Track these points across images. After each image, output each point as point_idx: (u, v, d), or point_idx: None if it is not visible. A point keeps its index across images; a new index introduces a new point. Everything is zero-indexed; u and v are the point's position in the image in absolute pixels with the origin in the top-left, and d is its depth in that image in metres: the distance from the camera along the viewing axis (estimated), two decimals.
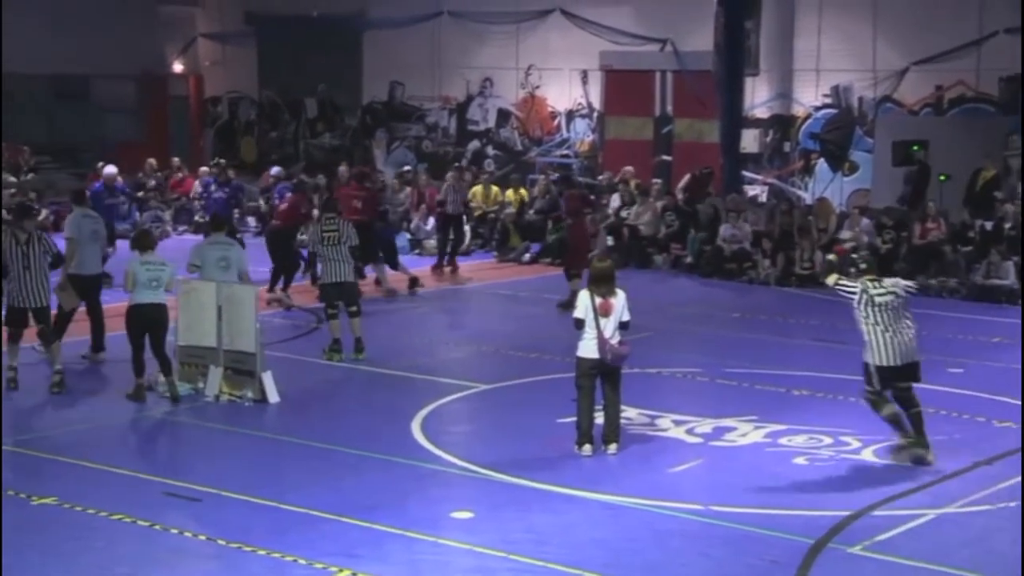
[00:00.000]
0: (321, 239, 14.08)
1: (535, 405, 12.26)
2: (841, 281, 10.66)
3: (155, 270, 12.12)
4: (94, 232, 13.74)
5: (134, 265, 12.14)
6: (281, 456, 10.54)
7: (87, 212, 14.04)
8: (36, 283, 12.41)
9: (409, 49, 29.48)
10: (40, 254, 12.46)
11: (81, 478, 9.66)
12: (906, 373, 10.26)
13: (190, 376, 12.34)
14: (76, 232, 13.56)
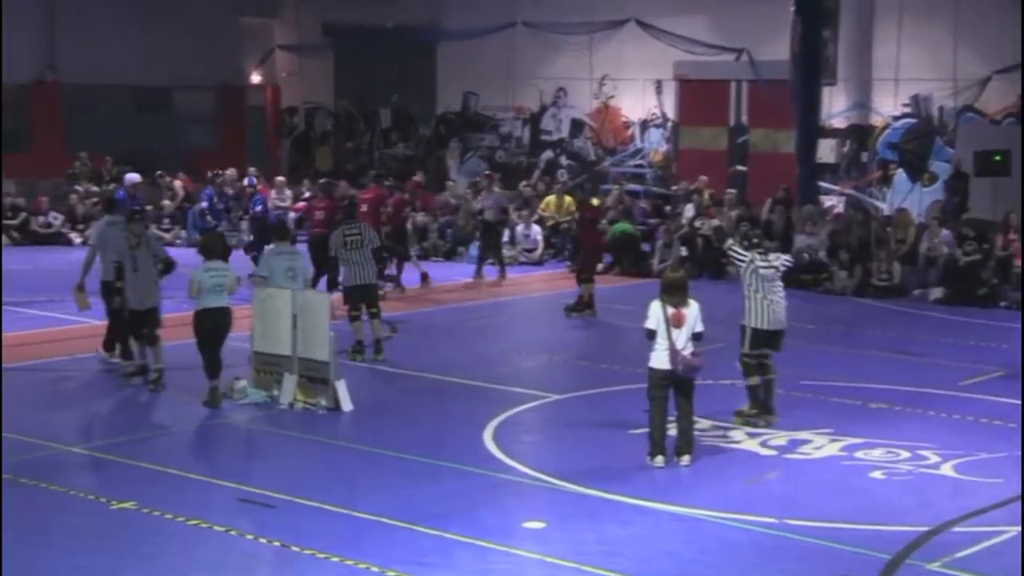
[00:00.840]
0: (344, 243, 14.33)
1: (607, 416, 12.21)
2: (735, 248, 12.25)
3: (218, 276, 12.35)
4: (119, 240, 13.85)
5: (198, 272, 12.38)
6: (354, 463, 10.61)
7: (114, 220, 14.22)
8: (144, 286, 12.78)
9: (483, 59, 29.60)
10: (148, 257, 12.73)
11: (159, 483, 9.80)
12: (774, 338, 11.73)
13: (265, 383, 12.46)
14: (99, 239, 13.85)
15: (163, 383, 12.89)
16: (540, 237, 23.58)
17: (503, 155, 30.21)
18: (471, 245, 23.60)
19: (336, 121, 32.94)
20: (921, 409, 12.29)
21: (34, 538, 8.62)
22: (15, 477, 9.74)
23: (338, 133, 32.89)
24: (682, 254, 21.55)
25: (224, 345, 12.49)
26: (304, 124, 33.54)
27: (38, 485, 9.60)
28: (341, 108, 32.78)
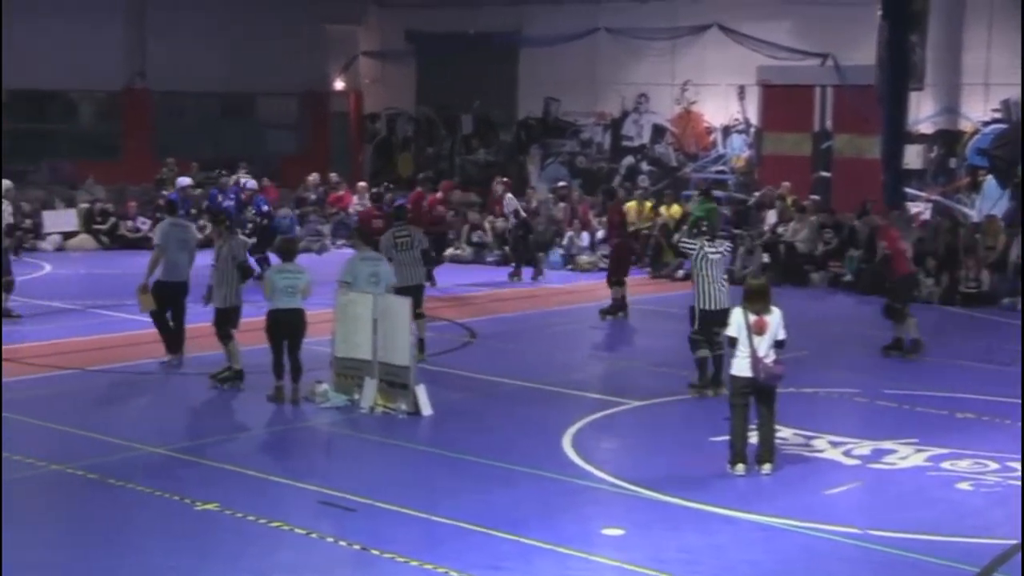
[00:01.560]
0: (394, 244, 14.54)
1: (687, 423, 12.13)
2: (684, 240, 13.65)
3: (291, 277, 12.57)
4: (181, 241, 14.18)
5: (272, 273, 12.65)
6: (433, 468, 10.65)
7: (176, 221, 14.51)
8: (220, 285, 13.12)
9: (565, 65, 29.59)
10: (228, 259, 13.03)
11: (241, 485, 9.92)
12: (720, 318, 12.26)
13: (346, 387, 12.57)
14: (163, 240, 14.13)
15: (240, 384, 13.09)
16: None
17: (584, 161, 30.16)
18: (550, 251, 23.63)
19: (417, 127, 33.14)
20: (1010, 420, 12.04)
21: (119, 538, 8.79)
22: (102, 477, 9.93)
23: (419, 139, 33.09)
24: (764, 261, 21.35)
25: (302, 348, 12.65)
26: (386, 130, 33.79)
27: (124, 486, 9.78)
28: (422, 114, 32.97)
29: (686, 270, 21.96)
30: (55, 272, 21.56)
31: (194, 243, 14.39)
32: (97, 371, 13.90)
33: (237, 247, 13.36)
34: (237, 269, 13.22)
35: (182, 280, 14.13)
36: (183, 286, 14.16)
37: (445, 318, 17.54)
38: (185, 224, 14.69)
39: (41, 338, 15.66)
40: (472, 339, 16.19)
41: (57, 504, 9.66)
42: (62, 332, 16.11)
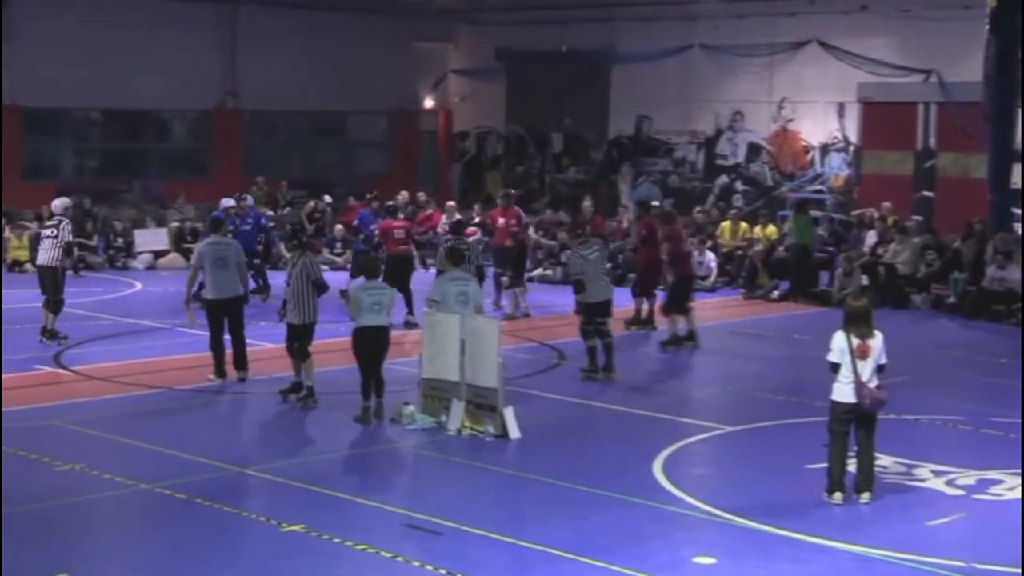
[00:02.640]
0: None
1: (782, 449, 11.99)
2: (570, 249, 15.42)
3: (377, 294, 12.77)
4: (219, 259, 14.34)
5: (357, 291, 12.79)
6: (521, 492, 10.65)
7: (216, 240, 14.72)
8: (296, 301, 13.34)
9: (658, 82, 29.56)
10: (302, 275, 13.29)
11: (328, 506, 10.01)
12: (603, 308, 14.76)
13: (433, 409, 12.63)
14: (197, 259, 14.57)
15: (314, 401, 13.27)
16: (714, 264, 23.38)
17: (677, 180, 30.07)
18: None
19: (507, 145, 33.31)
20: None
21: (206, 559, 8.90)
22: (189, 497, 10.09)
23: (509, 157, 33.25)
24: (863, 283, 21.05)
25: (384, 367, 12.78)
26: (475, 148, 34.02)
27: (211, 506, 9.92)
28: (512, 132, 33.13)
29: (782, 291, 21.84)
30: (145, 290, 22.02)
31: (236, 260, 14.50)
32: (185, 390, 14.15)
33: (311, 264, 13.53)
34: (312, 285, 13.40)
35: (230, 296, 14.35)
36: (233, 303, 14.39)
37: (534, 339, 17.55)
38: (227, 242, 14.86)
39: (131, 357, 15.98)
40: (561, 361, 16.18)
41: (145, 524, 9.83)
42: (152, 351, 16.43)
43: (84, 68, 27.75)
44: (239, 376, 14.40)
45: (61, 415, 12.73)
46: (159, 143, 31.31)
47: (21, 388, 14.08)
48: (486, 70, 32.97)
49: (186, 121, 31.94)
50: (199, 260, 14.44)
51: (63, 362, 15.39)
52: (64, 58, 27.45)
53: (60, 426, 12.31)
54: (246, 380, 14.37)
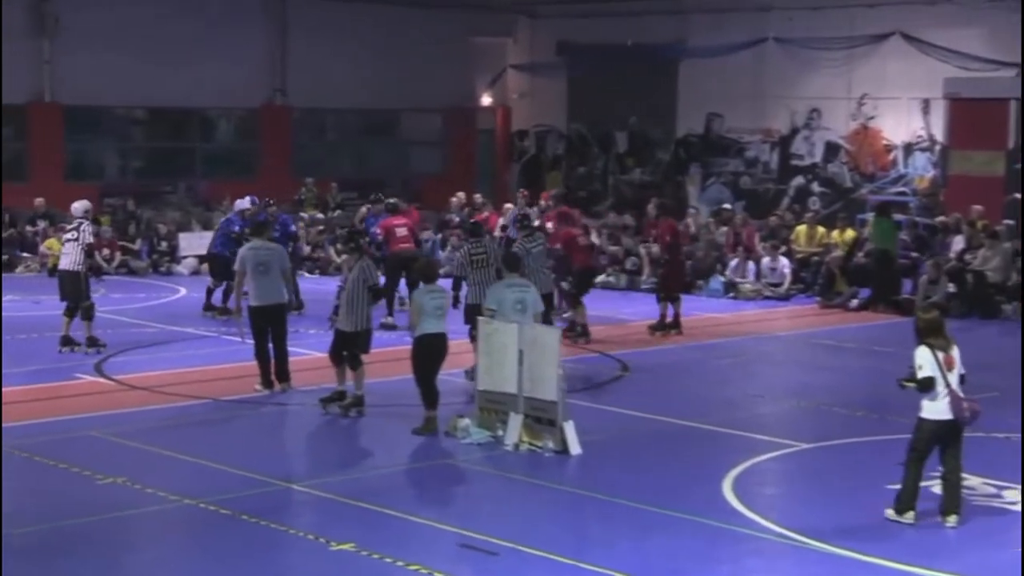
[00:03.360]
0: (469, 261, 15.11)
1: (861, 468, 11.86)
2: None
3: (439, 298, 12.86)
4: (260, 264, 14.39)
5: (420, 296, 12.80)
6: (582, 511, 10.63)
7: (257, 244, 14.71)
8: (350, 307, 13.40)
9: (729, 78, 29.43)
10: (358, 280, 13.34)
11: (379, 524, 10.05)
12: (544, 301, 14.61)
13: (489, 423, 12.63)
14: (240, 264, 14.54)
15: (359, 411, 13.38)
16: (788, 270, 23.23)
17: (748, 181, 29.91)
18: (711, 278, 23.46)
19: (568, 145, 33.30)
20: None
21: None
22: (235, 514, 10.17)
23: (570, 157, 33.24)
24: (950, 291, 20.81)
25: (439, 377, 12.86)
26: (535, 148, 34.04)
27: (258, 523, 9.99)
28: (574, 131, 33.12)
29: (862, 299, 21.64)
30: (190, 296, 22.23)
31: (279, 265, 14.57)
32: (230, 401, 14.27)
33: (368, 269, 13.61)
34: (368, 291, 13.47)
35: (273, 303, 14.44)
36: (276, 310, 14.48)
37: (595, 350, 17.52)
38: (269, 247, 14.91)
39: (174, 366, 16.15)
40: (625, 373, 16.14)
41: (189, 541, 9.92)
42: (196, 360, 16.59)
43: (127, 64, 28.09)
44: (281, 387, 14.49)
45: (102, 426, 12.89)
46: (205, 143, 31.61)
47: (61, 398, 14.29)
48: (547, 65, 32.98)
49: (233, 119, 32.24)
50: (242, 265, 14.52)
51: (104, 371, 15.59)
52: (107, 54, 27.81)
53: (101, 437, 12.46)
54: (288, 391, 14.45)
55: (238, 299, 14.75)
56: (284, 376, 14.58)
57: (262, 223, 15.86)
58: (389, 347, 16.41)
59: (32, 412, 13.52)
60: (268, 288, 14.43)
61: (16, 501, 10.47)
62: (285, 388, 14.54)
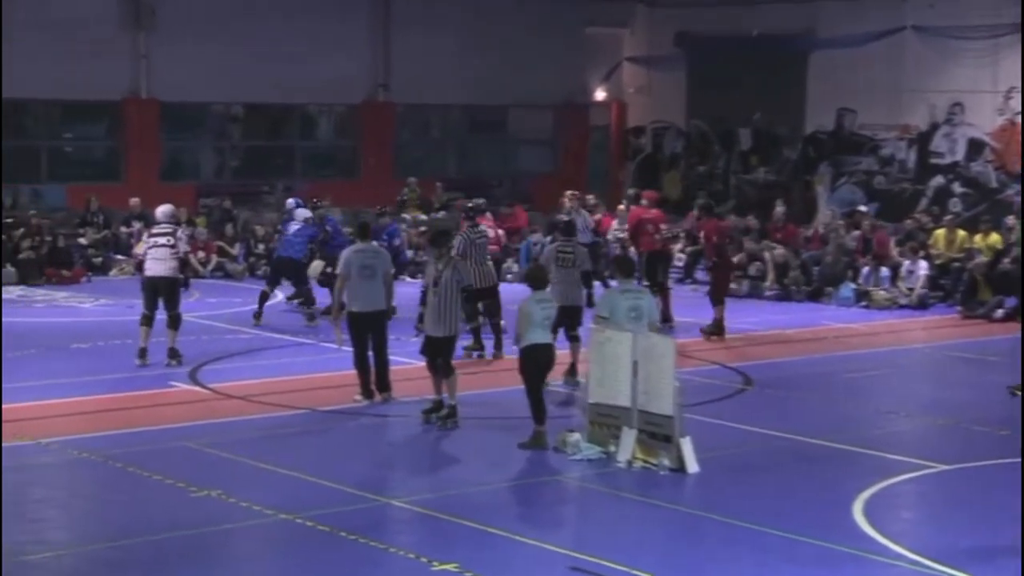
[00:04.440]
0: (556, 259, 15.46)
1: (1004, 492, 11.60)
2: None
3: (547, 308, 12.88)
4: (365, 267, 14.48)
5: (529, 304, 12.81)
6: (701, 534, 10.56)
7: (361, 247, 14.82)
8: (440, 311, 13.48)
9: (863, 71, 29.09)
10: (451, 282, 13.38)
11: (483, 544, 10.08)
12: (489, 293, 16.97)
13: (600, 438, 12.60)
14: (344, 267, 14.63)
15: (454, 422, 13.47)
16: (923, 272, 22.88)
17: (883, 181, 29.50)
18: (842, 286, 23.19)
19: (687, 142, 33.16)
20: None
21: None
22: (333, 530, 10.28)
23: (689, 156, 33.09)
24: None
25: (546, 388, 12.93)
26: (651, 146, 33.95)
27: (356, 540, 10.08)
28: (694, 128, 32.97)
29: (1007, 309, 21.21)
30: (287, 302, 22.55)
31: (383, 269, 14.70)
32: (328, 411, 14.45)
33: (461, 270, 13.67)
34: (461, 293, 13.53)
35: (375, 310, 14.52)
36: (378, 316, 14.57)
37: (716, 361, 17.41)
38: (374, 250, 15.06)
39: (271, 374, 16.40)
40: (747, 386, 16.02)
41: (285, 558, 10.03)
42: (294, 367, 16.83)
43: (225, 58, 28.58)
44: (382, 397, 14.64)
45: (196, 436, 13.13)
46: (304, 140, 32.07)
47: (155, 406, 14.60)
48: (665, 58, 32.88)
49: (333, 116, 32.67)
50: (345, 268, 14.68)
51: (199, 379, 15.88)
52: (203, 48, 28.33)
53: (195, 448, 12.70)
54: (390, 401, 14.60)
55: (337, 303, 14.90)
56: (385, 386, 14.71)
57: (366, 224, 16.02)
58: None
59: (125, 421, 13.84)
60: (372, 293, 14.55)
61: (109, 513, 10.74)
62: (386, 398, 14.67)
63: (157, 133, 29.20)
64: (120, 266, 25.85)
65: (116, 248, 26.56)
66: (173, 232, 16.69)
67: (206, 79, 28.61)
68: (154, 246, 16.49)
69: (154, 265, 16.46)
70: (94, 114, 29.89)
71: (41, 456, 12.37)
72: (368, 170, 31.14)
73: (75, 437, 12.94)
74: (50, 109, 29.12)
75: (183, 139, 30.80)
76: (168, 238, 16.53)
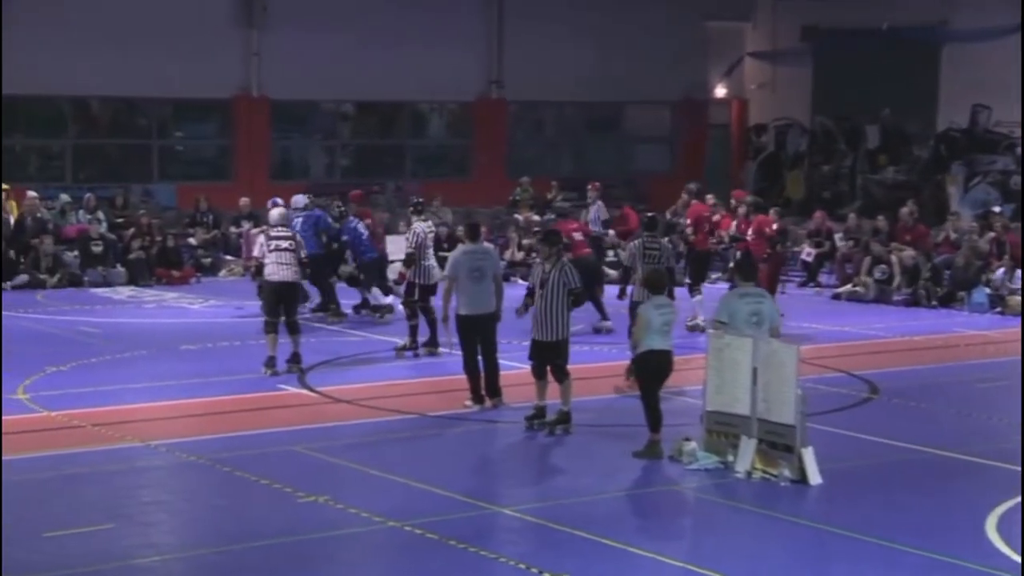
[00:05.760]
0: (643, 254, 16.16)
1: None
2: None
3: (668, 313, 12.85)
4: (475, 270, 14.53)
5: (648, 309, 12.78)
6: (824, 549, 10.44)
7: (471, 248, 14.86)
8: (547, 315, 13.50)
9: (999, 64, 28.56)
10: (558, 283, 13.38)
11: (596, 555, 10.07)
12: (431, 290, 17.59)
13: (718, 447, 12.52)
14: (452, 269, 14.72)
15: (565, 429, 13.45)
16: None
17: (1020, 181, 28.88)
18: (975, 290, 22.75)
19: (812, 140, 32.83)
20: None
21: None
22: (442, 538, 10.33)
23: (814, 155, 32.74)
24: None
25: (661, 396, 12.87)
26: (773, 144, 33.66)
27: (466, 549, 10.12)
28: (819, 125, 32.64)
29: None
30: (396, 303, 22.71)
31: (492, 271, 14.75)
32: (437, 417, 14.53)
33: (568, 272, 13.66)
34: (568, 295, 13.52)
35: (485, 313, 14.57)
36: (488, 319, 14.61)
37: (840, 369, 17.20)
38: (484, 251, 15.10)
39: (379, 378, 16.55)
40: (873, 395, 15.80)
41: (394, 567, 10.12)
42: (402, 372, 16.97)
43: (335, 55, 28.92)
44: (492, 403, 14.69)
45: (304, 440, 13.29)
46: (415, 139, 32.33)
47: (263, 410, 14.81)
48: (789, 53, 32.59)
49: (445, 114, 32.88)
50: (453, 270, 14.77)
51: (307, 382, 16.07)
52: (314, 44, 28.68)
53: (303, 452, 12.85)
54: (500, 407, 14.64)
55: (446, 308, 14.95)
56: (495, 391, 14.75)
57: (476, 226, 16.06)
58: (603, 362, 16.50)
59: (234, 424, 14.08)
60: (481, 295, 14.61)
61: (216, 518, 10.92)
62: (496, 404, 14.72)
63: (267, 132, 29.62)
64: (229, 267, 26.24)
65: (225, 249, 26.96)
66: (294, 236, 16.77)
67: (317, 76, 28.97)
68: (275, 250, 16.37)
69: (277, 270, 16.36)
70: (205, 113, 30.45)
71: (150, 458, 12.61)
72: (480, 169, 31.29)
73: (183, 440, 13.17)
74: (161, 108, 29.69)
75: (293, 138, 31.20)
76: (290, 242, 16.48)
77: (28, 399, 14.82)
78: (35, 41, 26.85)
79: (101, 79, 27.66)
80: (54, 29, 27.12)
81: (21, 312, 21.18)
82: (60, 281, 24.41)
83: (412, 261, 17.40)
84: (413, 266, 17.43)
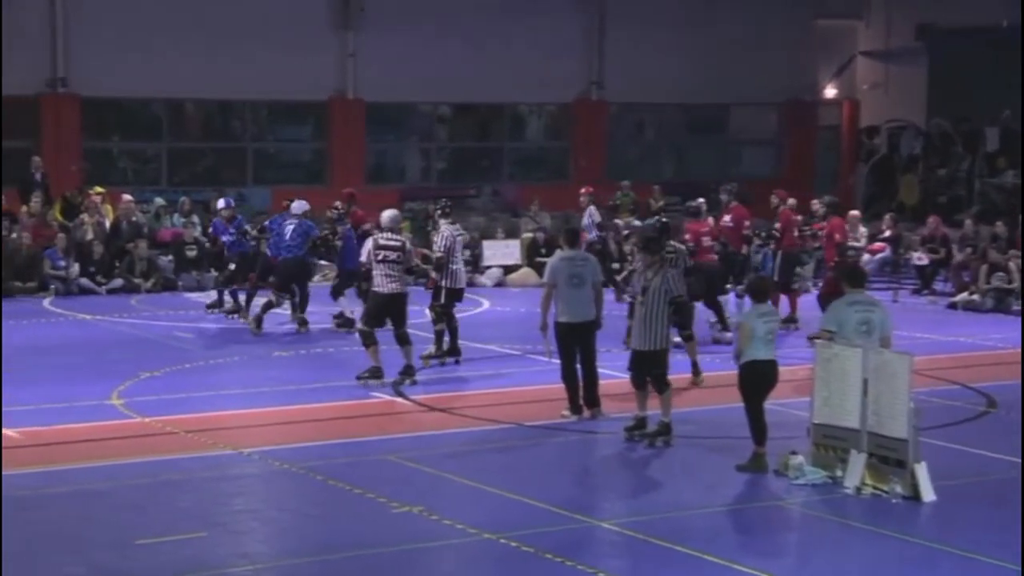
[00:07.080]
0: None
1: None
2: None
3: (772, 321, 12.79)
4: (574, 276, 14.52)
5: (750, 317, 12.77)
6: (937, 570, 10.33)
7: (569, 254, 14.86)
8: (647, 324, 13.54)
9: None
10: (659, 291, 13.42)
11: (698, 571, 10.05)
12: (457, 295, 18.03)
13: (826, 461, 12.44)
14: (550, 275, 14.76)
15: (665, 440, 13.47)
16: None
17: None
18: None
19: (927, 143, 32.43)
20: None
21: None
22: (538, 552, 10.37)
23: (929, 158, 32.35)
24: None
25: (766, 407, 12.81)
26: (886, 147, 33.31)
27: (563, 563, 10.14)
28: (934, 127, 32.25)
29: None
30: (493, 310, 22.87)
31: (592, 278, 14.71)
32: (534, 427, 14.57)
33: (672, 279, 13.62)
34: (669, 305, 13.49)
35: (584, 320, 14.55)
36: (587, 328, 14.60)
37: (956, 381, 16.98)
38: (583, 257, 15.11)
39: (475, 386, 16.64)
40: (991, 409, 15.58)
41: None
42: (499, 380, 17.03)
43: (432, 58, 29.12)
44: (591, 413, 14.71)
45: (398, 449, 13.40)
46: (512, 141, 32.43)
47: (356, 418, 14.97)
48: (904, 52, 32.25)
49: (544, 116, 32.96)
50: (552, 277, 14.80)
51: (401, 390, 16.19)
52: (411, 48, 28.90)
53: (396, 462, 12.96)
54: (599, 417, 14.65)
55: (544, 316, 14.98)
56: (594, 401, 14.77)
57: (575, 231, 16.09)
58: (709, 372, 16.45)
59: (328, 432, 14.23)
60: (580, 303, 14.62)
61: (309, 527, 11.05)
62: (595, 414, 14.73)
63: (363, 134, 29.88)
64: (323, 272, 26.48)
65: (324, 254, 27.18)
66: (403, 245, 16.41)
67: (413, 78, 29.18)
68: (383, 260, 16.23)
69: (384, 282, 16.26)
70: (300, 115, 30.81)
71: (243, 466, 12.80)
72: (579, 172, 31.31)
73: (276, 448, 13.35)
74: (256, 111, 30.09)
75: (388, 141, 31.45)
76: (398, 253, 16.26)
77: (122, 405, 15.11)
78: (130, 44, 27.36)
79: (196, 82, 28.09)
80: (149, 32, 27.61)
81: (116, 317, 21.60)
82: (154, 285, 24.87)
83: (441, 266, 17.49)
84: (443, 271, 17.52)
